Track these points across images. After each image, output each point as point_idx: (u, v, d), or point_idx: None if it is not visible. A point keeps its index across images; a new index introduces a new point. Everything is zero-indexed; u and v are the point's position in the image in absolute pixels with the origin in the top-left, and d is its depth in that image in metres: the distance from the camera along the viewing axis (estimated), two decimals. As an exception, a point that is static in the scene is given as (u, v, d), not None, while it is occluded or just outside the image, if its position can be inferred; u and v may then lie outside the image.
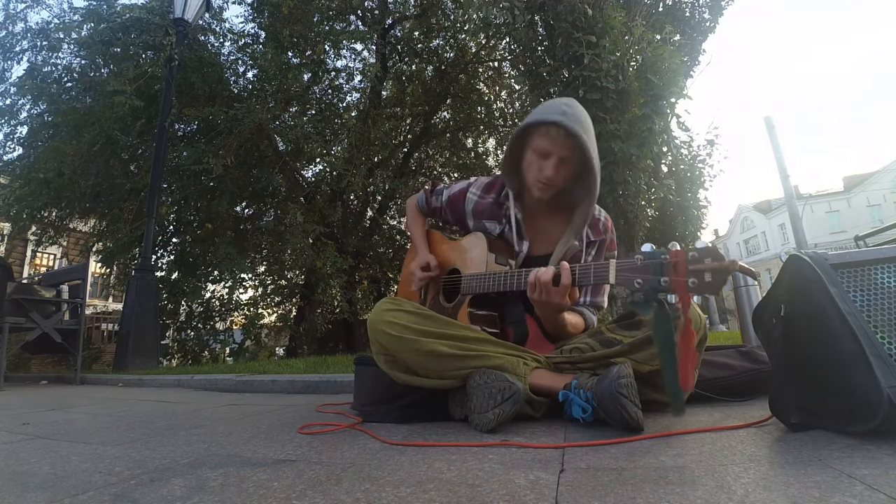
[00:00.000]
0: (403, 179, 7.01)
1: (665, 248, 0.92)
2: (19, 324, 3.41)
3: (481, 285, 1.30)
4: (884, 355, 0.76)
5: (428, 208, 1.65)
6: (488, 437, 0.99)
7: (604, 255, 1.43)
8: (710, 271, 0.85)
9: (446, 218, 1.60)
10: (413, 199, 1.71)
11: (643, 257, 0.94)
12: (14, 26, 6.06)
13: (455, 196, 1.54)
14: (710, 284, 0.85)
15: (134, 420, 1.56)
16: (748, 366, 1.33)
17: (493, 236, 1.42)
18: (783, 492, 0.60)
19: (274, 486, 0.74)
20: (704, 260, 0.86)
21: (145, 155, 5.98)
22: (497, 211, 1.45)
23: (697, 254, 0.87)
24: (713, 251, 0.86)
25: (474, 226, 1.49)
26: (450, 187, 1.58)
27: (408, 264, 1.62)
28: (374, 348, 1.22)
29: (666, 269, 0.89)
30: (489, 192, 1.49)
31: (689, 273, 0.86)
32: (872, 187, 29.28)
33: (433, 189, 1.64)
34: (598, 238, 1.42)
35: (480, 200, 1.48)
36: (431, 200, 1.63)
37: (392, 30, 7.05)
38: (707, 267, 0.85)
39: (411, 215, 1.69)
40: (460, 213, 1.52)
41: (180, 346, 6.34)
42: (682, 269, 0.87)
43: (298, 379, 2.35)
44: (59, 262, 13.19)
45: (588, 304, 1.41)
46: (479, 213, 1.48)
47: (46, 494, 0.74)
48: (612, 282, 1.00)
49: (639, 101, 3.87)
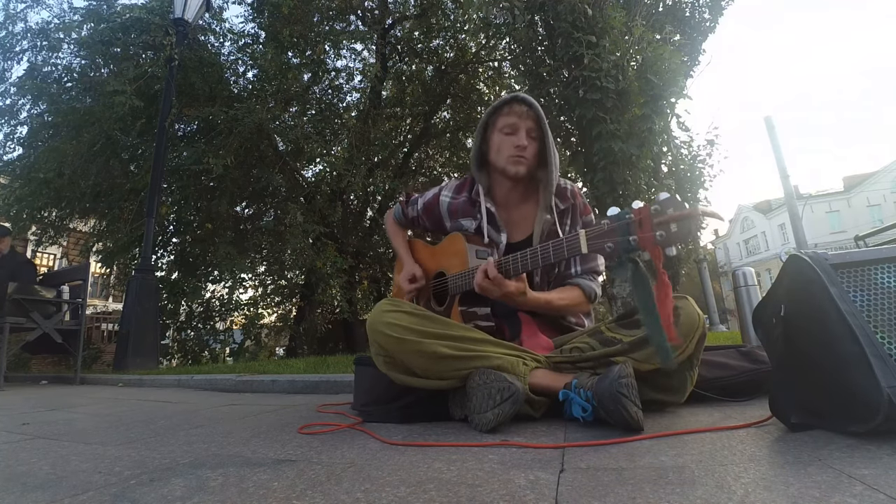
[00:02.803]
0: (403, 179, 7.01)
1: (629, 208, 0.92)
2: (20, 324, 3.41)
3: (466, 282, 1.31)
4: (884, 355, 0.76)
5: (405, 219, 1.67)
6: (488, 437, 0.99)
7: (580, 220, 1.45)
8: (675, 221, 0.86)
9: (424, 225, 1.63)
10: (390, 214, 1.74)
11: (609, 220, 0.94)
12: (14, 26, 6.06)
13: (429, 202, 1.58)
14: (677, 234, 0.86)
15: (134, 420, 1.56)
16: (748, 366, 1.33)
17: (470, 233, 1.44)
18: (783, 492, 0.60)
19: (274, 486, 0.74)
20: (667, 211, 0.87)
21: (145, 155, 5.98)
22: (470, 208, 1.48)
23: (660, 206, 0.87)
24: (674, 201, 0.87)
25: (451, 226, 1.52)
26: (423, 195, 1.62)
27: (397, 276, 1.64)
28: (373, 349, 1.22)
29: (633, 228, 0.90)
30: (461, 191, 1.53)
31: (655, 226, 0.87)
32: (872, 187, 29.28)
33: (408, 200, 1.67)
34: (567, 204, 1.44)
35: (453, 201, 1.52)
36: (408, 211, 1.65)
37: (392, 30, 7.05)
38: (670, 217, 0.86)
39: (391, 230, 1.72)
40: (437, 216, 1.56)
41: (180, 346, 6.33)
42: (648, 224, 0.88)
43: (298, 379, 2.35)
44: (59, 262, 13.20)
45: (581, 274, 1.40)
46: (454, 212, 1.51)
47: (46, 494, 0.74)
48: (584, 250, 1.00)
49: (639, 101, 3.87)
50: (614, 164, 3.82)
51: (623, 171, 3.87)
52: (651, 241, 0.87)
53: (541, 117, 1.40)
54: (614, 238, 0.93)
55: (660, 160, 4.65)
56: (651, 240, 0.87)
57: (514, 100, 1.41)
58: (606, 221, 0.95)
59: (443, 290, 1.45)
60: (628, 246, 0.91)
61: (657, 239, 0.87)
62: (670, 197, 0.87)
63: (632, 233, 0.90)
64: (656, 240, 0.87)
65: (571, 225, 1.44)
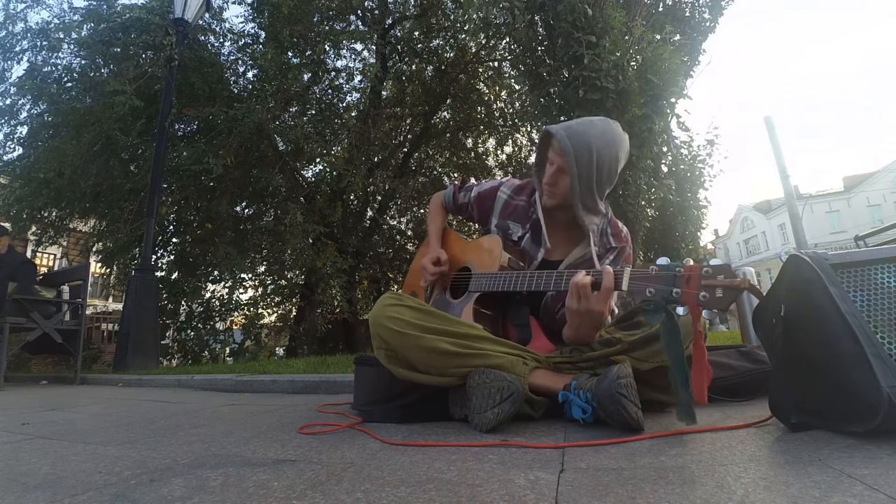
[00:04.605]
0: (403, 179, 7.00)
1: (680, 262, 0.94)
2: (20, 324, 3.41)
3: (492, 284, 1.31)
4: (884, 355, 0.76)
5: (454, 204, 1.66)
6: (488, 437, 0.99)
7: (621, 265, 1.42)
8: (722, 287, 0.87)
9: (471, 214, 1.62)
10: (439, 195, 1.73)
11: (658, 268, 0.96)
12: (14, 26, 6.05)
13: (485, 193, 1.57)
14: (721, 300, 0.87)
15: (134, 420, 1.56)
16: (748, 366, 1.33)
17: (511, 240, 1.44)
18: (783, 492, 0.60)
19: (274, 486, 0.74)
20: (717, 276, 0.88)
21: (145, 155, 5.98)
22: (525, 214, 1.47)
23: (711, 270, 0.89)
24: (726, 269, 0.88)
25: (498, 223, 1.50)
26: (480, 185, 1.62)
27: (420, 257, 1.63)
28: (375, 343, 1.22)
29: (679, 281, 0.92)
30: (520, 193, 1.51)
31: (702, 287, 0.88)
32: (872, 187, 29.27)
33: (462, 185, 1.67)
34: (620, 245, 1.43)
35: (511, 201, 1.51)
36: (459, 196, 1.65)
37: (392, 30, 7.04)
38: (719, 283, 0.87)
39: (434, 210, 1.71)
40: (487, 210, 1.55)
41: (180, 346, 6.33)
42: (695, 283, 0.89)
43: (298, 379, 2.35)
44: (59, 262, 13.18)
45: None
46: (508, 213, 1.49)
47: (46, 494, 0.74)
48: (625, 288, 1.01)
49: (639, 101, 3.86)
50: (614, 163, 3.81)
51: (623, 171, 3.86)
52: (694, 300, 0.89)
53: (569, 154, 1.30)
54: (657, 285, 0.95)
55: (660, 160, 4.65)
56: (695, 298, 0.89)
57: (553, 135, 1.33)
58: (654, 268, 0.96)
59: (462, 284, 1.45)
60: (670, 297, 0.92)
61: (700, 299, 0.88)
62: (724, 264, 0.89)
63: (678, 285, 0.92)
64: (699, 300, 0.88)
65: (611, 263, 1.41)
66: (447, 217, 1.73)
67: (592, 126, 1.33)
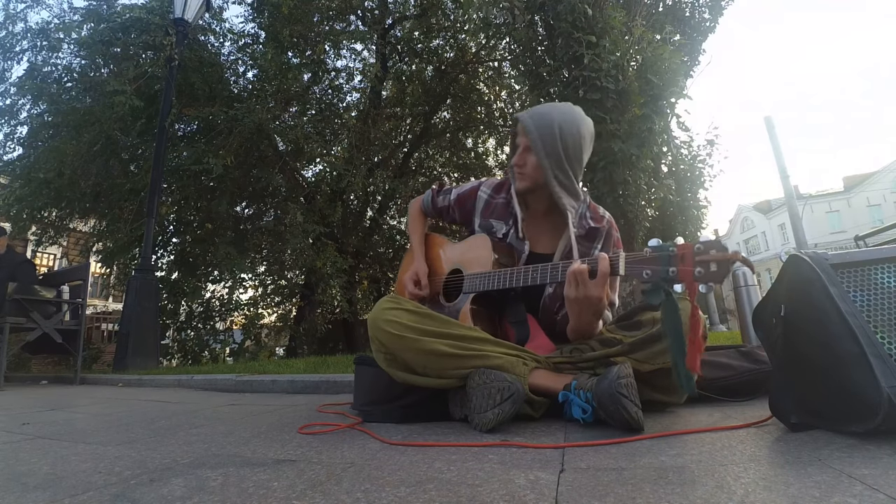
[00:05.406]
0: (403, 179, 7.01)
1: (672, 242, 0.98)
2: (20, 324, 3.41)
3: (485, 283, 1.31)
4: (884, 355, 0.76)
5: (433, 208, 1.65)
6: (488, 437, 0.99)
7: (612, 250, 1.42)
8: (715, 261, 0.91)
9: (453, 217, 1.61)
10: (417, 201, 1.71)
11: (651, 249, 1.00)
12: (14, 26, 6.05)
13: (465, 194, 1.56)
14: (715, 273, 0.91)
15: (134, 420, 1.56)
16: (748, 366, 1.33)
17: (496, 238, 1.43)
18: (783, 492, 0.60)
19: (274, 486, 0.74)
20: (709, 251, 0.92)
21: (145, 155, 5.98)
22: (506, 211, 1.47)
23: (703, 246, 0.93)
24: (717, 243, 0.92)
25: (481, 223, 1.50)
26: (459, 187, 1.61)
27: (405, 269, 1.62)
28: (373, 346, 1.22)
29: (674, 261, 0.96)
30: (500, 191, 1.51)
31: (696, 263, 0.93)
32: (872, 187, 29.27)
33: (440, 189, 1.66)
34: (598, 225, 1.41)
35: (491, 200, 1.51)
36: (438, 200, 1.64)
37: (392, 30, 7.04)
38: (712, 258, 0.92)
39: (413, 217, 1.69)
40: (469, 210, 1.54)
41: (180, 346, 6.33)
42: (689, 260, 0.94)
43: (298, 379, 2.35)
44: (59, 262, 13.18)
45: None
46: (489, 211, 1.49)
47: (46, 494, 0.74)
48: (622, 272, 1.05)
49: (639, 101, 3.86)
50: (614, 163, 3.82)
51: (623, 170, 3.87)
52: (690, 276, 0.93)
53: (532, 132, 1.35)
54: (654, 266, 0.99)
55: (660, 160, 4.64)
56: (690, 274, 0.93)
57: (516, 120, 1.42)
58: (648, 250, 1.01)
59: (455, 287, 1.45)
60: (666, 276, 0.97)
61: (696, 275, 0.92)
62: (714, 239, 0.93)
63: (672, 265, 0.96)
64: (695, 276, 0.92)
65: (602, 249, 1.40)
66: (428, 222, 1.71)
67: (554, 107, 1.39)
